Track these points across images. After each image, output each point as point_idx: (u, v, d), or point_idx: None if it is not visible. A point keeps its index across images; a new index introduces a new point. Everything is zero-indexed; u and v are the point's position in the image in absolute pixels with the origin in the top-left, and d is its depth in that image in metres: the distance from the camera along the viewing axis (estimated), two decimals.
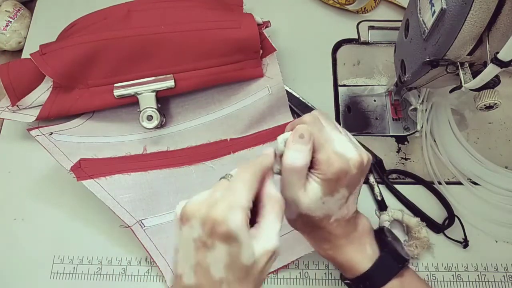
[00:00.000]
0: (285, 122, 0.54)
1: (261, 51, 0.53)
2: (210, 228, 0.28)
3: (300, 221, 0.36)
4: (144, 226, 0.48)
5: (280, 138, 0.35)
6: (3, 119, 0.56)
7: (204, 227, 0.28)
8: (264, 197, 0.31)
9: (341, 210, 0.36)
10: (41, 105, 0.53)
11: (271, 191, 0.32)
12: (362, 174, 0.35)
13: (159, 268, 0.47)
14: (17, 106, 0.53)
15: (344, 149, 0.34)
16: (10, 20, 0.60)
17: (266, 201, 0.31)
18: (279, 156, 0.35)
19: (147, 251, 0.47)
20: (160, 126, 0.53)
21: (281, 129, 0.53)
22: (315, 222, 0.36)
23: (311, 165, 0.34)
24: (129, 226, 0.47)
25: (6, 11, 0.60)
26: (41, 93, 0.53)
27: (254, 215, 0.31)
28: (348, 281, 0.39)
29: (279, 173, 0.35)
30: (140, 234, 0.48)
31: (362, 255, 0.37)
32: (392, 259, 0.38)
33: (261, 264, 0.29)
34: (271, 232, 0.30)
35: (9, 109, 0.53)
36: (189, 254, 0.29)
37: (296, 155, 0.33)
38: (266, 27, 0.54)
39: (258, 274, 0.29)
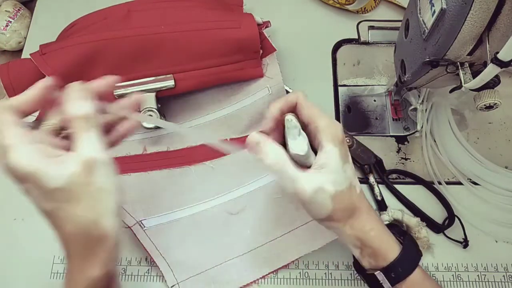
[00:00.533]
0: None
1: (261, 51, 0.53)
2: (13, 177, 0.29)
3: (337, 209, 0.35)
4: (144, 226, 0.48)
5: (289, 116, 0.36)
6: None
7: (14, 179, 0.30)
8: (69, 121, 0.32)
9: (356, 179, 0.37)
10: None
11: (70, 110, 0.31)
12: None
13: (159, 268, 0.47)
14: None
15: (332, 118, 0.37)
16: (10, 20, 0.60)
17: (71, 124, 0.31)
18: (298, 129, 0.36)
19: (147, 252, 0.47)
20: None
21: None
22: (347, 200, 0.36)
23: (315, 137, 0.36)
24: (129, 227, 0.47)
25: (6, 11, 0.60)
26: None
27: None
28: (378, 271, 0.37)
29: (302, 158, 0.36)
30: (140, 235, 0.48)
31: (392, 240, 0.38)
32: (414, 246, 0.38)
33: (77, 177, 0.29)
34: (82, 145, 0.30)
35: None
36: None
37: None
38: (266, 27, 0.54)
39: (82, 187, 0.29)
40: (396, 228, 0.40)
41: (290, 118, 0.36)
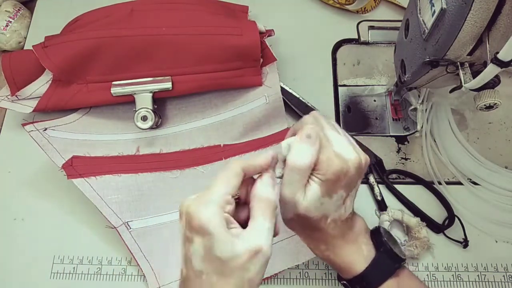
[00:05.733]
0: (279, 130, 0.54)
1: (261, 60, 0.53)
2: (188, 223, 0.30)
3: (297, 221, 0.36)
4: (130, 228, 0.48)
5: (284, 143, 0.35)
6: (3, 120, 0.55)
7: (185, 222, 0.30)
8: (251, 198, 0.32)
9: (338, 211, 0.36)
10: (40, 97, 0.53)
11: (258, 191, 0.32)
12: (360, 175, 0.36)
13: (142, 270, 0.47)
14: (16, 96, 0.53)
15: (343, 149, 0.35)
16: (10, 20, 0.60)
17: (253, 201, 0.32)
18: (282, 161, 0.35)
19: (131, 253, 0.47)
20: (156, 126, 0.53)
21: (275, 137, 0.53)
22: (312, 223, 0.36)
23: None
24: (114, 227, 0.47)
25: (6, 11, 0.60)
26: (41, 85, 0.53)
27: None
28: (344, 282, 0.39)
29: (281, 177, 0.35)
30: (125, 236, 0.48)
31: (358, 256, 0.38)
32: (388, 258, 0.38)
33: (241, 261, 0.29)
34: (257, 231, 0.30)
35: (8, 98, 0.53)
36: (182, 248, 0.32)
37: (301, 154, 0.33)
38: (269, 35, 0.54)
39: (239, 271, 0.29)
40: (378, 237, 0.40)
41: (285, 144, 0.35)
